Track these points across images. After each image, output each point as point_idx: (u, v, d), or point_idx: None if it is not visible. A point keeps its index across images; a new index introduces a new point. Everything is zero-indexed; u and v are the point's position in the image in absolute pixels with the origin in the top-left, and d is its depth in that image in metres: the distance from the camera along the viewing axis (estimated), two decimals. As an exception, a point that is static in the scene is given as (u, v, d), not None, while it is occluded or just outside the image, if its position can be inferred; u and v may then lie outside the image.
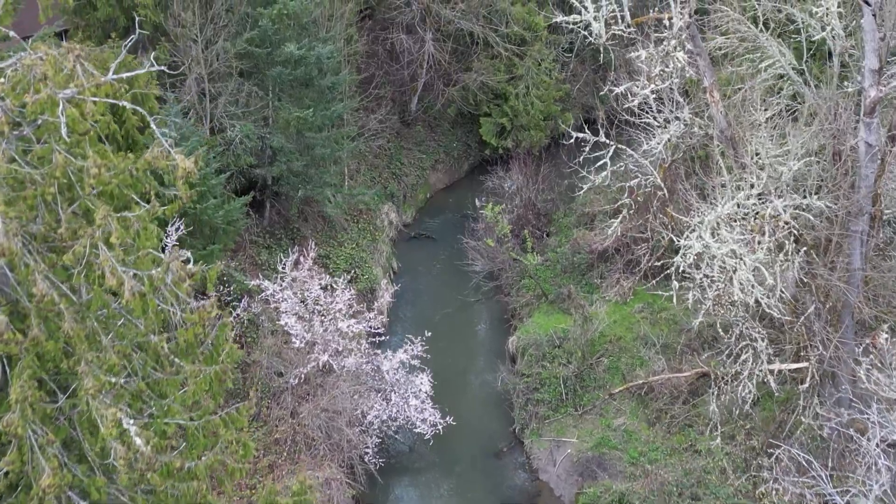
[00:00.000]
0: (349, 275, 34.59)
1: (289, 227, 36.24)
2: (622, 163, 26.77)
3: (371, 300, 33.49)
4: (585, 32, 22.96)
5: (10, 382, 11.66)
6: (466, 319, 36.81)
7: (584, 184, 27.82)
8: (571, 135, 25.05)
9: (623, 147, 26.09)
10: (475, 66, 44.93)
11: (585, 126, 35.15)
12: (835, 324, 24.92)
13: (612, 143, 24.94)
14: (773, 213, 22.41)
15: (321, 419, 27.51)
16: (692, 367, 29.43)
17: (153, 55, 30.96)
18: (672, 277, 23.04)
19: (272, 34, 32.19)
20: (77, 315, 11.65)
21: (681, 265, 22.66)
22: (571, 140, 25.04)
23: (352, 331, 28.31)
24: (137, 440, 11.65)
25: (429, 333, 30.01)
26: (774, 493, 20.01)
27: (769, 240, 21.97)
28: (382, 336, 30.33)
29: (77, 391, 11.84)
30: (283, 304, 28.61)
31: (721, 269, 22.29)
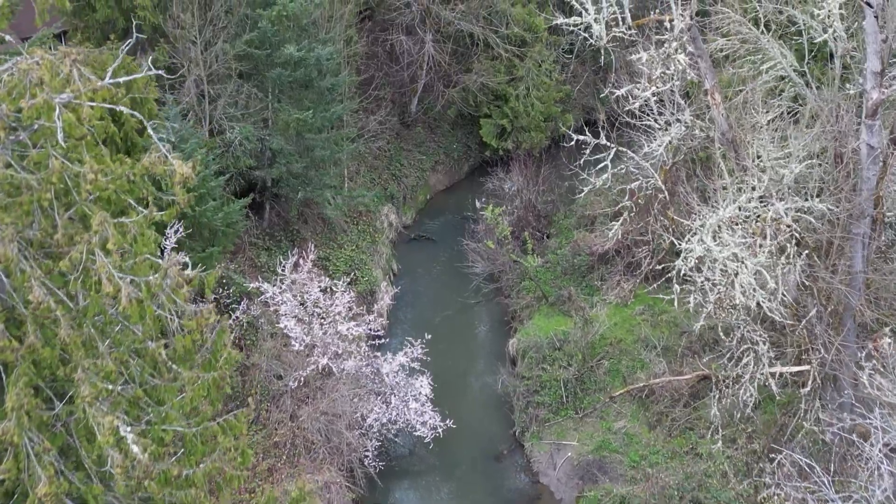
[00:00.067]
0: (349, 277, 34.48)
1: (288, 229, 36.13)
2: (623, 165, 26.64)
3: (371, 302, 33.38)
4: (586, 34, 22.83)
5: (6, 390, 11.54)
6: (466, 321, 36.69)
7: (585, 186, 27.70)
8: (572, 137, 24.91)
9: (624, 149, 25.95)
10: (475, 68, 44.84)
11: (586, 128, 35.06)
12: (836, 327, 24.80)
13: (613, 146, 24.81)
14: (775, 216, 22.30)
15: (321, 422, 27.42)
16: (693, 370, 29.31)
17: (152, 57, 30.99)
18: (673, 281, 22.92)
19: (272, 36, 32.10)
20: (74, 322, 11.54)
21: (682, 269, 22.54)
22: (572, 143, 24.91)
23: (351, 334, 28.20)
24: (134, 448, 11.53)
25: (429, 336, 29.93)
26: (776, 499, 19.89)
27: (770, 243, 21.85)
28: (382, 339, 30.23)
29: (74, 398, 11.72)
30: (283, 307, 28.51)
31: (722, 273, 22.17)
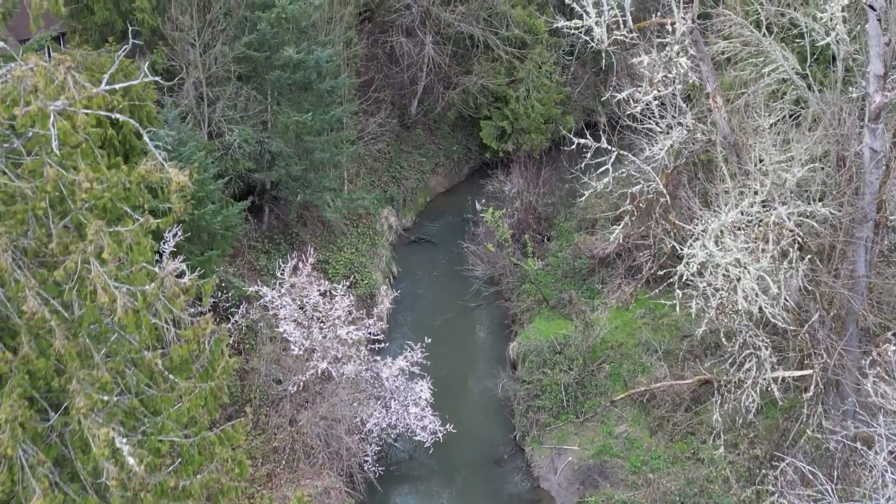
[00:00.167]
0: (348, 280, 34.34)
1: (288, 232, 35.98)
2: (624, 168, 26.47)
3: (370, 305, 33.22)
4: (587, 37, 22.67)
5: (0, 401, 11.38)
6: (466, 325, 36.54)
7: (586, 189, 27.52)
8: (573, 140, 24.75)
9: (625, 153, 25.79)
10: (475, 69, 44.70)
11: (586, 129, 34.87)
12: (839, 331, 24.63)
13: (614, 150, 24.65)
14: (777, 221, 22.14)
15: (320, 427, 27.26)
16: (694, 374, 29.14)
17: (150, 60, 30.85)
18: (675, 286, 22.75)
19: (271, 38, 31.96)
20: (69, 332, 11.38)
21: (684, 274, 22.38)
22: (573, 146, 24.75)
23: (351, 337, 28.05)
24: (130, 460, 11.38)
25: (429, 340, 29.78)
26: (779, 506, 19.76)
27: (773, 248, 21.69)
28: (382, 343, 30.06)
29: (69, 409, 11.57)
30: (282, 311, 28.36)
31: (725, 278, 22.01)
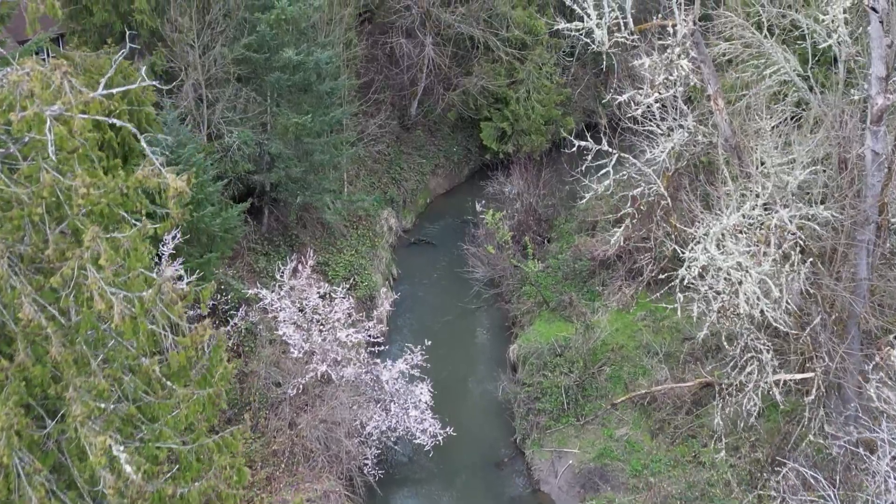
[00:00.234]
0: (348, 282, 34.23)
1: (287, 234, 35.87)
2: (625, 171, 26.36)
3: (370, 308, 33.11)
4: (588, 40, 22.56)
5: (-4, 409, 11.28)
6: (467, 327, 36.43)
7: (586, 191, 27.42)
8: (573, 143, 24.63)
9: (626, 155, 25.68)
10: (475, 71, 44.61)
11: (587, 131, 34.73)
12: (840, 334, 24.53)
13: (615, 152, 24.54)
14: (779, 223, 22.03)
15: (320, 430, 27.13)
16: (695, 377, 29.02)
17: (149, 62, 30.73)
18: (677, 290, 22.64)
19: (270, 39, 31.85)
20: (65, 339, 11.27)
21: (685, 277, 22.27)
22: (574, 149, 24.63)
23: (351, 340, 27.93)
24: (127, 468, 11.27)
25: (429, 342, 29.64)
26: (781, 511, 19.66)
27: (775, 251, 21.58)
28: (382, 345, 29.93)
29: (66, 417, 11.46)
30: (281, 314, 28.24)
31: (726, 282, 21.89)
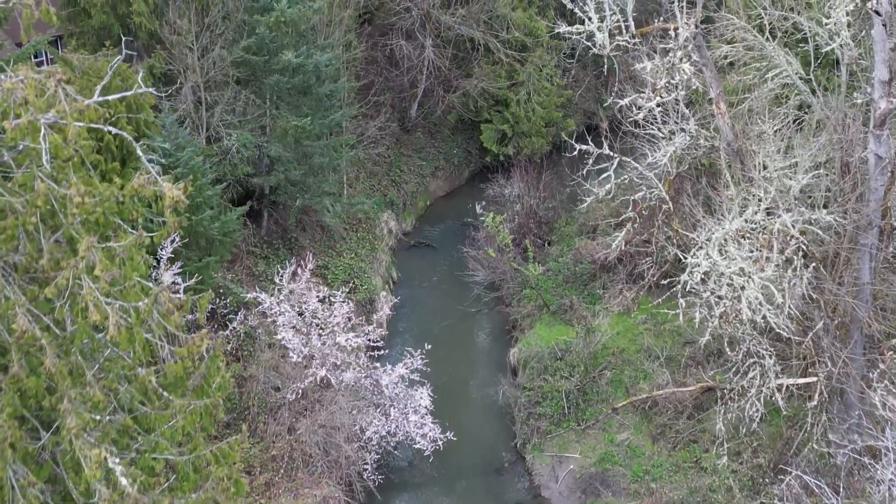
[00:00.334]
0: (348, 285, 34.06)
1: (286, 237, 35.70)
2: (626, 175, 26.19)
3: (370, 311, 32.94)
4: (589, 43, 22.40)
5: (-10, 421, 11.12)
6: (467, 330, 36.26)
7: (587, 195, 27.23)
8: (574, 147, 24.46)
9: (627, 159, 25.51)
10: (476, 72, 44.43)
11: (588, 133, 34.52)
12: (843, 339, 24.38)
13: (616, 156, 24.37)
14: (782, 228, 21.87)
15: (319, 435, 26.98)
16: (697, 381, 28.87)
17: (147, 65, 30.56)
18: (679, 295, 22.47)
19: (269, 42, 31.69)
20: (60, 349, 11.11)
21: (688, 282, 22.11)
22: (575, 153, 24.46)
23: (350, 344, 27.77)
24: (123, 480, 11.11)
25: (429, 346, 29.47)
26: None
27: (777, 256, 21.42)
28: (381, 349, 29.77)
29: (60, 429, 11.30)
30: (281, 318, 28.09)
31: (729, 287, 21.73)
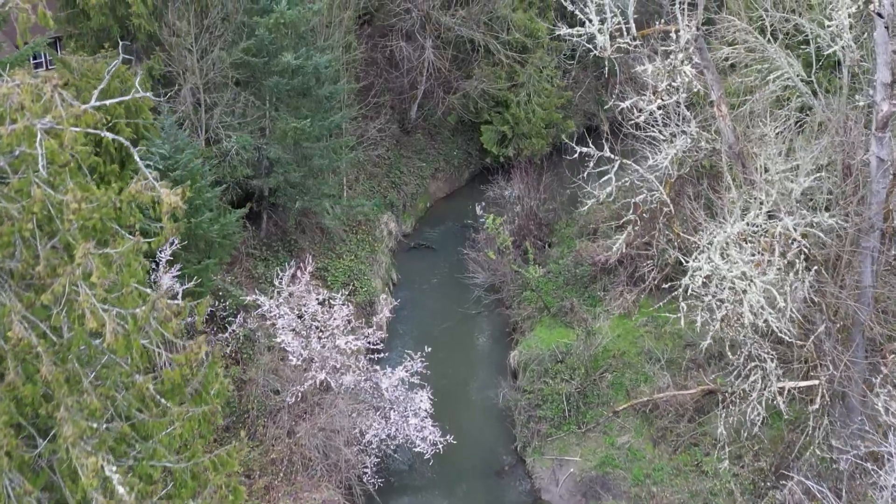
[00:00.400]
0: (348, 288, 33.94)
1: (286, 240, 35.59)
2: (627, 178, 26.09)
3: (370, 313, 32.83)
4: (590, 46, 22.29)
5: (-14, 429, 11.01)
6: (467, 333, 36.15)
7: (588, 198, 27.14)
8: (575, 149, 24.35)
9: (628, 162, 25.41)
10: (476, 74, 44.32)
11: (588, 135, 34.39)
12: (845, 342, 24.28)
13: (617, 159, 24.27)
14: (784, 231, 21.77)
15: (319, 438, 26.86)
16: (698, 384, 28.77)
17: (146, 66, 30.43)
18: (680, 299, 22.37)
19: (269, 43, 31.60)
20: (56, 357, 11.00)
21: (689, 286, 22.00)
22: (575, 155, 24.36)
23: (350, 347, 27.67)
24: (120, 489, 11.01)
25: (429, 348, 29.38)
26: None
27: (779, 260, 21.32)
28: (381, 352, 29.64)
29: (57, 437, 11.19)
30: (280, 321, 27.98)
31: (731, 291, 21.62)
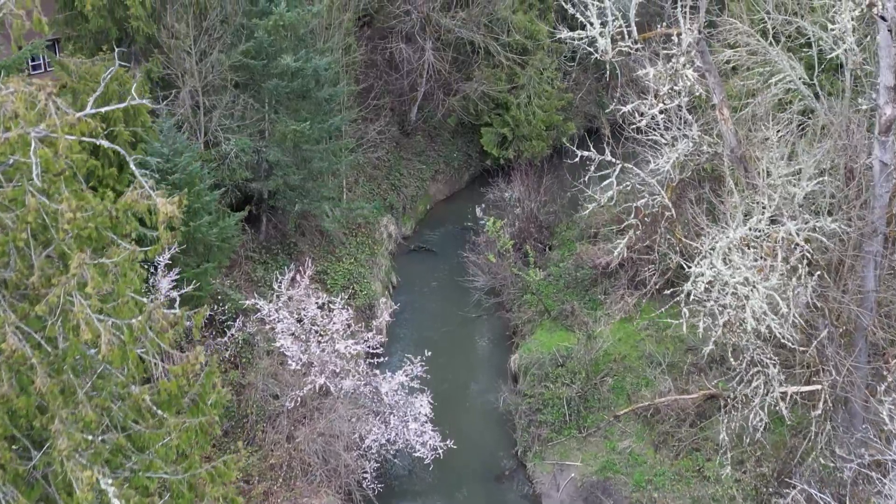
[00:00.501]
0: (347, 291, 33.78)
1: (285, 243, 35.43)
2: (628, 181, 25.92)
3: (369, 317, 32.68)
4: (591, 49, 22.12)
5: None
6: (467, 336, 35.99)
7: (589, 201, 26.96)
8: (576, 153, 24.18)
9: (629, 165, 25.24)
10: (476, 76, 44.19)
11: (589, 137, 34.21)
12: (848, 347, 24.11)
13: (618, 162, 24.10)
14: (786, 236, 21.60)
15: (318, 443, 26.73)
16: (700, 389, 28.61)
17: (145, 69, 30.27)
18: (682, 304, 22.20)
19: (268, 46, 31.44)
20: (51, 368, 10.85)
21: (691, 291, 21.84)
22: (577, 159, 24.19)
23: (350, 352, 27.52)
24: (116, 502, 10.85)
25: (429, 352, 29.22)
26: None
27: (782, 265, 21.15)
28: (381, 356, 29.49)
29: (52, 449, 11.03)
30: (279, 325, 27.83)
31: (733, 296, 21.46)
